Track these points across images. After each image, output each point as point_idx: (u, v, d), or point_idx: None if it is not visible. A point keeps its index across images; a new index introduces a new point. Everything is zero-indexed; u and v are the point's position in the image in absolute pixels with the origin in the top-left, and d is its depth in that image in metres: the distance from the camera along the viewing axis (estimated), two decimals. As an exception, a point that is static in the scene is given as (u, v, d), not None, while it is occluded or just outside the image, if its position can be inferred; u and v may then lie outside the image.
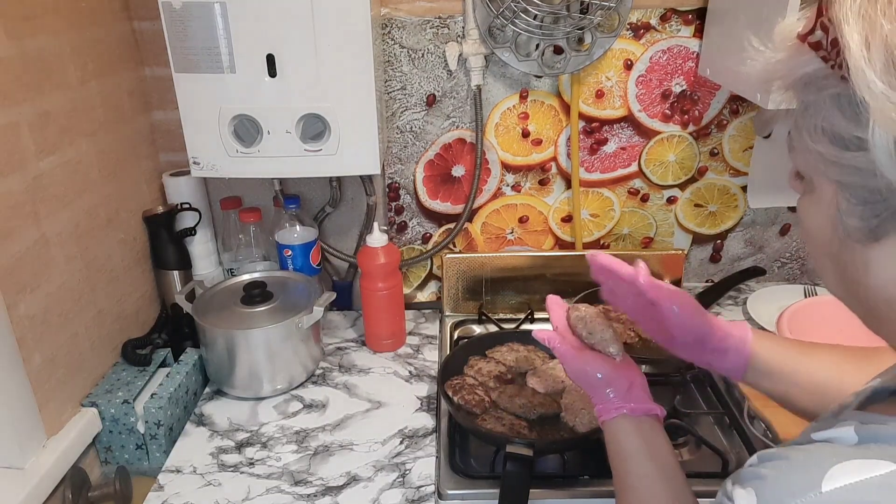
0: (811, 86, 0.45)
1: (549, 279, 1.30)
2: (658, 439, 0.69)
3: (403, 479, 0.93)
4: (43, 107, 0.91)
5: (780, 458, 0.44)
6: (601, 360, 0.73)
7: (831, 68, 0.42)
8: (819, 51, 0.43)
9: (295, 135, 1.02)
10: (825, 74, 0.43)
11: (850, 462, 0.40)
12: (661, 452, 0.67)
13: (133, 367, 1.07)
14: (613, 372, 0.72)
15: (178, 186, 1.21)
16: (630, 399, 0.70)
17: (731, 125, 1.25)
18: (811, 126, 0.45)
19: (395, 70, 1.19)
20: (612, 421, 0.70)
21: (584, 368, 0.74)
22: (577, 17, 1.08)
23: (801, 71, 0.45)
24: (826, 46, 0.42)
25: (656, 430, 0.69)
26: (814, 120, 0.45)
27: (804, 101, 0.46)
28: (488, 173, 1.28)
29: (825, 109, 0.43)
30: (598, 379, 0.72)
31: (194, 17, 0.94)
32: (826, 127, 0.43)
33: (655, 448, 0.68)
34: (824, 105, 0.43)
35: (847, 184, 0.44)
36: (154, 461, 1.02)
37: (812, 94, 0.45)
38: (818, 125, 0.44)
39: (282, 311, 1.09)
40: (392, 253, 1.17)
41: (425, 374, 1.16)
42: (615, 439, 0.69)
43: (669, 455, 0.67)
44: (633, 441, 0.68)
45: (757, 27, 0.96)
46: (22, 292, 0.86)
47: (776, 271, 1.39)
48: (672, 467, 0.66)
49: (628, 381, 0.72)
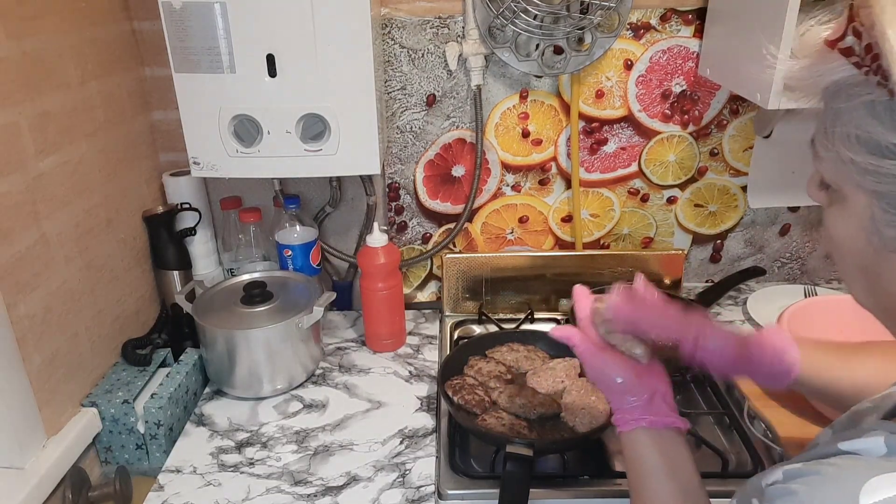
0: (842, 93, 0.43)
1: (549, 279, 1.30)
2: (679, 454, 0.64)
3: (403, 479, 0.93)
4: (43, 107, 0.91)
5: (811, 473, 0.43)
6: (623, 364, 0.68)
7: (865, 74, 0.41)
8: (851, 57, 0.42)
9: (295, 135, 1.02)
10: (858, 81, 0.42)
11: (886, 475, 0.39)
12: (682, 469, 0.63)
13: (133, 367, 1.07)
14: (635, 378, 0.67)
15: (178, 186, 1.21)
16: (651, 410, 0.66)
17: (731, 125, 1.25)
18: (843, 134, 0.43)
19: (395, 70, 1.19)
20: (631, 432, 0.66)
21: (603, 370, 0.68)
22: (577, 17, 1.08)
23: (830, 78, 0.43)
24: (859, 52, 0.41)
25: (678, 443, 0.65)
26: (846, 128, 0.43)
27: (834, 109, 0.44)
28: (488, 173, 1.28)
29: (859, 117, 0.42)
30: (618, 384, 0.67)
31: (194, 17, 0.94)
32: (861, 135, 0.42)
33: (676, 464, 0.64)
34: (857, 112, 0.42)
35: (884, 193, 0.42)
36: (154, 461, 1.02)
37: (843, 101, 0.43)
38: (851, 133, 0.43)
39: (282, 311, 1.09)
40: (392, 253, 1.17)
41: (425, 374, 1.16)
42: (633, 452, 0.66)
43: (691, 472, 0.63)
44: (652, 455, 0.64)
45: (757, 27, 0.96)
46: (22, 292, 0.86)
47: (776, 271, 1.39)
48: (693, 486, 0.63)
49: (651, 389, 0.67)
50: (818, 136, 0.47)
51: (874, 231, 0.44)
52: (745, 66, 1.00)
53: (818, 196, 0.50)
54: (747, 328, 1.25)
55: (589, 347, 0.70)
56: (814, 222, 1.35)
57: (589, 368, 0.70)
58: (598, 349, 0.69)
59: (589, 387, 0.99)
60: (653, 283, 1.30)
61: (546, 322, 1.28)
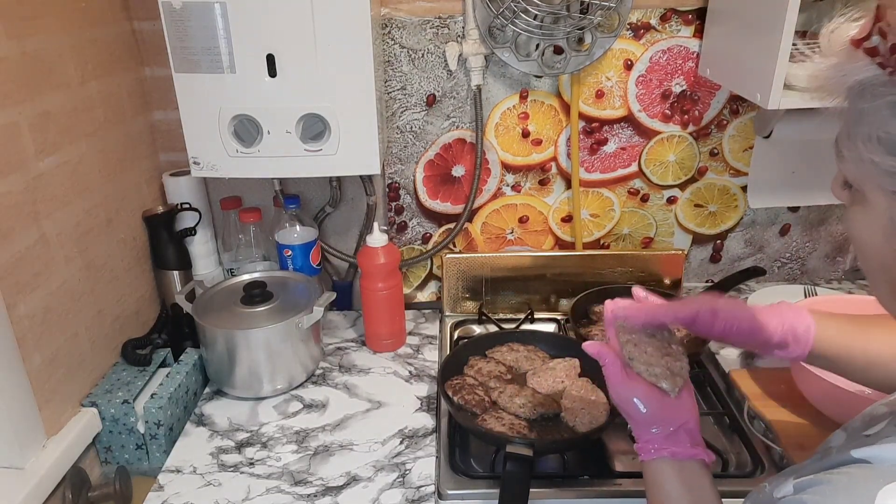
0: (866, 93, 0.43)
1: (549, 279, 1.30)
2: (702, 486, 0.62)
3: (403, 479, 0.93)
4: (43, 107, 0.91)
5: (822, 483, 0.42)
6: (651, 393, 0.65)
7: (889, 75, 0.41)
8: (876, 57, 0.41)
9: (295, 135, 1.02)
10: (882, 81, 0.42)
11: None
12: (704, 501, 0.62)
13: (133, 367, 1.07)
14: (661, 411, 0.64)
15: (178, 186, 1.21)
16: (675, 442, 0.64)
17: (731, 125, 1.25)
18: (865, 135, 0.43)
19: (395, 70, 1.19)
20: (652, 461, 0.64)
21: (629, 398, 0.66)
22: (577, 17, 1.08)
23: (855, 78, 0.43)
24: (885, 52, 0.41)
25: (701, 475, 0.63)
26: (868, 129, 0.43)
27: (857, 109, 0.44)
28: (488, 173, 1.28)
29: (882, 118, 0.42)
30: (642, 414, 0.65)
31: (194, 17, 0.94)
32: (882, 136, 0.42)
33: (699, 495, 0.62)
34: (881, 113, 0.42)
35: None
36: (154, 461, 1.02)
37: (867, 101, 0.43)
38: (873, 134, 0.43)
39: (282, 311, 1.09)
40: (392, 253, 1.17)
41: (425, 374, 1.16)
42: (655, 482, 0.64)
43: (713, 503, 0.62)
44: (673, 486, 0.62)
45: (757, 27, 0.96)
46: (22, 292, 0.86)
47: (776, 271, 1.39)
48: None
49: (677, 422, 0.64)
50: (841, 136, 0.47)
51: (894, 232, 0.44)
52: (746, 66, 1.00)
53: (841, 195, 0.50)
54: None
55: (617, 372, 0.67)
56: (814, 222, 1.35)
57: (614, 394, 0.68)
58: (626, 376, 0.67)
59: (589, 387, 0.99)
60: (653, 283, 1.31)
61: (546, 322, 1.28)
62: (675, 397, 0.65)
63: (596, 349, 0.70)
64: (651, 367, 0.66)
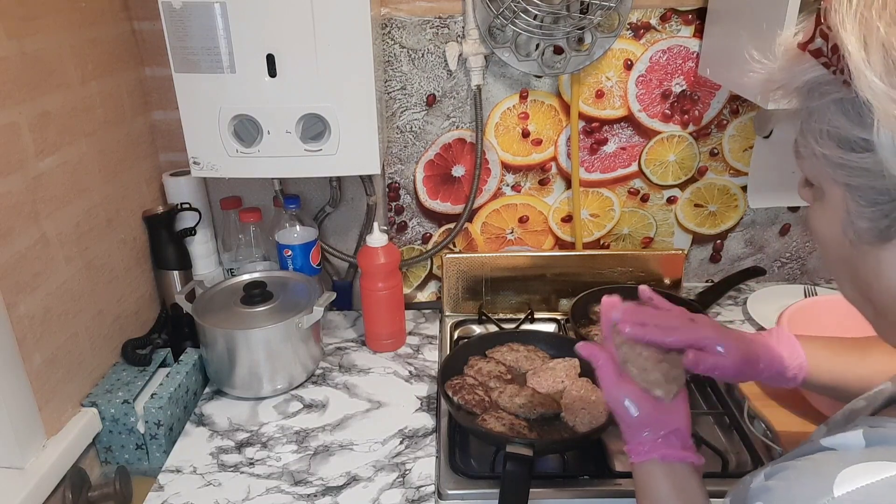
0: (814, 92, 0.45)
1: (549, 279, 1.30)
2: (692, 488, 0.63)
3: (403, 479, 0.93)
4: (43, 107, 0.91)
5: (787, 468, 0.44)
6: (643, 396, 0.65)
7: (833, 74, 0.43)
8: (820, 58, 0.44)
9: (295, 135, 1.02)
10: (827, 80, 0.44)
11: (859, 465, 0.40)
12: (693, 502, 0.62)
13: (133, 367, 1.07)
14: (653, 415, 0.64)
15: (178, 186, 1.21)
16: (666, 445, 0.64)
17: (731, 125, 1.25)
18: (816, 131, 0.46)
19: (395, 70, 1.19)
20: (642, 464, 0.64)
21: (621, 401, 0.65)
22: (577, 17, 1.08)
23: (803, 78, 0.46)
24: (827, 53, 0.43)
25: (691, 477, 0.63)
26: (818, 125, 0.45)
27: (808, 108, 0.47)
28: (488, 173, 1.28)
29: (829, 114, 0.44)
30: (633, 417, 0.65)
31: (194, 17, 0.94)
32: (831, 131, 0.44)
33: (688, 496, 0.62)
34: (828, 110, 0.44)
35: (855, 186, 0.44)
36: (154, 461, 1.02)
37: (815, 99, 0.45)
38: (823, 129, 0.45)
39: (282, 311, 1.09)
40: (392, 253, 1.17)
41: (425, 374, 1.16)
42: (644, 483, 0.64)
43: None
44: (663, 488, 0.63)
45: (757, 27, 0.96)
46: (22, 292, 0.86)
47: (776, 271, 1.39)
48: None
49: (669, 427, 0.64)
50: (797, 134, 0.50)
51: (849, 224, 0.46)
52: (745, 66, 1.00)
53: (805, 195, 0.52)
54: (748, 329, 1.25)
55: (609, 374, 0.67)
56: (814, 222, 1.35)
57: (607, 395, 0.68)
58: (618, 378, 0.67)
59: (589, 387, 0.99)
60: (653, 283, 1.31)
61: (546, 322, 1.28)
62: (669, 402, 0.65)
63: (588, 350, 0.69)
64: (646, 373, 0.65)
